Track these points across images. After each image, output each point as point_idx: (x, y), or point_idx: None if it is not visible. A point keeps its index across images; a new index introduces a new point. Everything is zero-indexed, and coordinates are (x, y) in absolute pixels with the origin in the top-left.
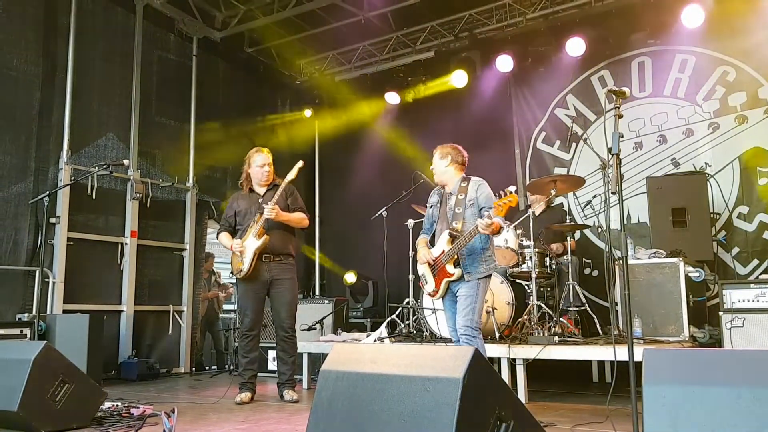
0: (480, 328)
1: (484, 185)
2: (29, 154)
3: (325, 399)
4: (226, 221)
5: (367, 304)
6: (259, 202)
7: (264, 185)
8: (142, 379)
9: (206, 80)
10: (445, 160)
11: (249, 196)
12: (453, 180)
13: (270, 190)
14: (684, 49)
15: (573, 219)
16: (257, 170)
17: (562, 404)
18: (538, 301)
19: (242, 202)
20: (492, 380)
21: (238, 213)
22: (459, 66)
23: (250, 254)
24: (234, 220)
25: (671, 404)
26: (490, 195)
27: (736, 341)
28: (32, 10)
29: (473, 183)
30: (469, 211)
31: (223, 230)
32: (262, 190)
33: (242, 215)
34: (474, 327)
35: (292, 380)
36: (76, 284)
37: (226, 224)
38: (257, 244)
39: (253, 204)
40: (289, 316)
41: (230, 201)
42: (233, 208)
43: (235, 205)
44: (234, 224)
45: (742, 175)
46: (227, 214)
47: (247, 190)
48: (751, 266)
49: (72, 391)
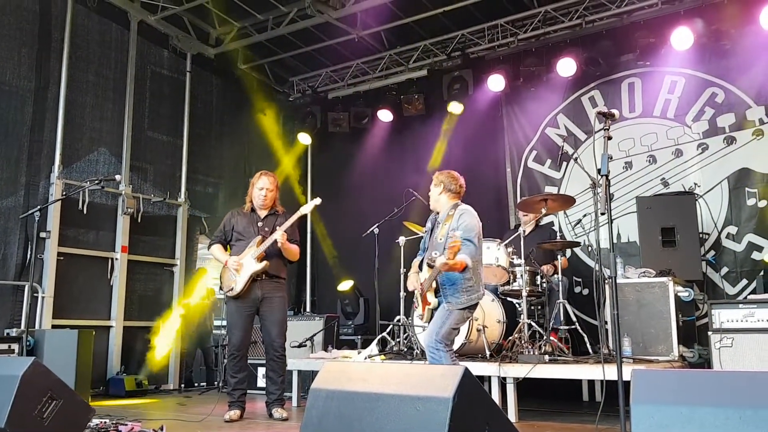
0: (445, 342)
1: (466, 214)
2: (20, 168)
3: (315, 417)
4: (222, 234)
5: (358, 321)
6: (258, 225)
7: (263, 209)
8: (130, 395)
9: (199, 96)
10: (438, 188)
11: (249, 215)
12: (444, 208)
13: (271, 215)
14: (673, 70)
15: (563, 237)
16: (256, 192)
17: (551, 423)
18: (529, 319)
19: (242, 220)
20: (482, 399)
21: (236, 230)
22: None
23: (246, 276)
24: (231, 236)
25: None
26: (471, 226)
27: (725, 361)
28: (26, 25)
29: (458, 211)
30: (450, 241)
31: (216, 242)
32: (263, 213)
33: (240, 233)
34: (438, 340)
35: (281, 399)
36: (66, 299)
37: (221, 237)
38: (256, 267)
39: (253, 224)
40: (280, 335)
41: (229, 215)
42: (232, 224)
43: (234, 221)
44: (229, 239)
45: (731, 195)
46: (224, 227)
47: (249, 209)
48: (740, 286)
49: (60, 408)
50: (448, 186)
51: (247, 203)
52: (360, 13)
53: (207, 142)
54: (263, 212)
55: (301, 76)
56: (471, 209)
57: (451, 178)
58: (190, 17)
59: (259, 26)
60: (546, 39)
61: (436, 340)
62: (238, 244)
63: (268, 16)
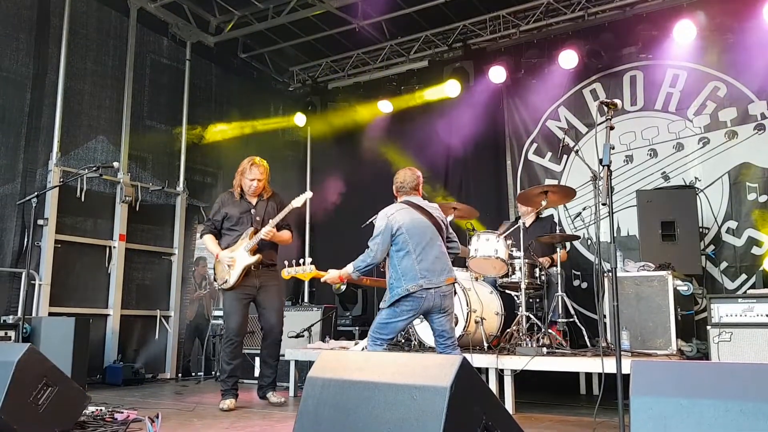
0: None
1: (377, 218)
2: (18, 155)
3: (311, 406)
4: (213, 223)
5: (356, 312)
6: (251, 212)
7: (253, 197)
8: (127, 384)
9: (199, 85)
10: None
11: (240, 203)
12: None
13: (261, 201)
14: (676, 63)
15: (563, 230)
16: (247, 182)
17: (549, 416)
18: (527, 311)
19: (233, 209)
20: (479, 389)
21: (227, 218)
22: (452, 76)
23: (239, 269)
24: (221, 224)
25: (658, 417)
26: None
27: (723, 355)
28: (25, 11)
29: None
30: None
31: (207, 231)
32: (253, 199)
33: (232, 221)
34: (372, 332)
35: (275, 383)
36: (63, 287)
37: (212, 226)
38: (250, 260)
39: (245, 213)
40: (279, 322)
41: (219, 202)
42: (222, 213)
43: (225, 209)
44: (220, 228)
45: (731, 190)
46: (215, 216)
47: (239, 196)
48: (740, 281)
49: (55, 395)
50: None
51: (236, 190)
52: (361, 2)
53: (206, 131)
54: (254, 199)
55: (301, 65)
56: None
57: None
58: (190, 5)
59: (259, 15)
60: (548, 31)
61: (372, 332)
62: (230, 233)
63: (268, 5)
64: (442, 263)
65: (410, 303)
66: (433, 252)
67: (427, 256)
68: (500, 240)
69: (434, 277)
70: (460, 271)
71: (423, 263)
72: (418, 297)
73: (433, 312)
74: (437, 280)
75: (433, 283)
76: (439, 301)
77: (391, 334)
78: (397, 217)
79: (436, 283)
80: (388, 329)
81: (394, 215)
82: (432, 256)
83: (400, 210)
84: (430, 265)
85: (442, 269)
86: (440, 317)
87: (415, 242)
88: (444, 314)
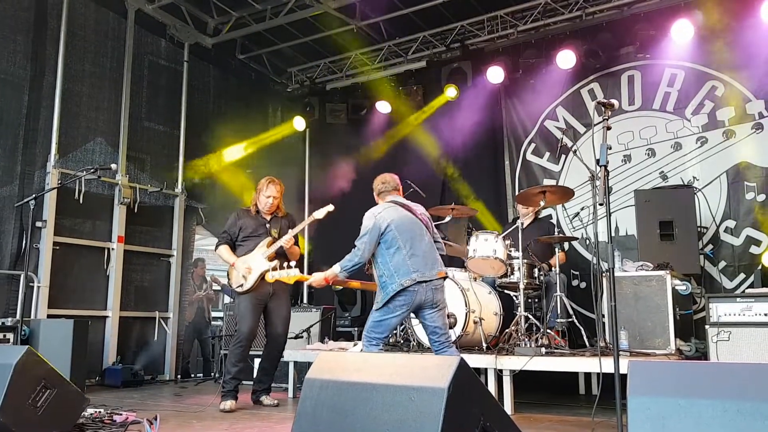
0: (373, 335)
1: (364, 218)
2: (16, 157)
3: (309, 407)
4: (228, 235)
5: (354, 313)
6: (266, 227)
7: (268, 214)
8: (126, 385)
9: (197, 86)
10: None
11: (256, 217)
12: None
13: (275, 218)
14: (673, 63)
15: (561, 231)
16: (263, 199)
17: (548, 416)
18: (526, 312)
19: (250, 222)
20: (477, 390)
21: (243, 230)
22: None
23: (257, 273)
24: (237, 236)
25: (656, 416)
26: (364, 225)
27: (722, 354)
28: (22, 13)
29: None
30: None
31: (223, 243)
32: (268, 216)
33: (247, 233)
34: (366, 332)
35: (270, 389)
36: (61, 289)
37: (228, 238)
38: (267, 266)
39: (260, 227)
40: (284, 332)
41: (235, 216)
42: (239, 225)
43: (242, 222)
44: (236, 239)
45: (729, 189)
46: (231, 228)
47: (254, 211)
48: (738, 280)
49: (54, 397)
50: (375, 188)
51: (252, 207)
52: (359, 3)
53: (204, 133)
54: (268, 216)
55: (299, 66)
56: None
57: (377, 181)
58: (188, 6)
59: (257, 16)
60: (546, 31)
61: (366, 332)
62: (245, 243)
63: (266, 6)
64: (433, 257)
65: (403, 298)
66: (422, 246)
67: (418, 250)
68: (499, 240)
69: (426, 270)
70: (458, 272)
71: (414, 258)
72: (411, 291)
73: (425, 307)
74: (429, 274)
75: (426, 277)
76: (431, 295)
77: (385, 332)
78: (384, 215)
79: (428, 277)
80: (382, 327)
81: (382, 213)
82: (422, 250)
83: (387, 208)
84: (422, 259)
85: (433, 263)
86: (432, 312)
87: (405, 238)
88: (436, 309)
